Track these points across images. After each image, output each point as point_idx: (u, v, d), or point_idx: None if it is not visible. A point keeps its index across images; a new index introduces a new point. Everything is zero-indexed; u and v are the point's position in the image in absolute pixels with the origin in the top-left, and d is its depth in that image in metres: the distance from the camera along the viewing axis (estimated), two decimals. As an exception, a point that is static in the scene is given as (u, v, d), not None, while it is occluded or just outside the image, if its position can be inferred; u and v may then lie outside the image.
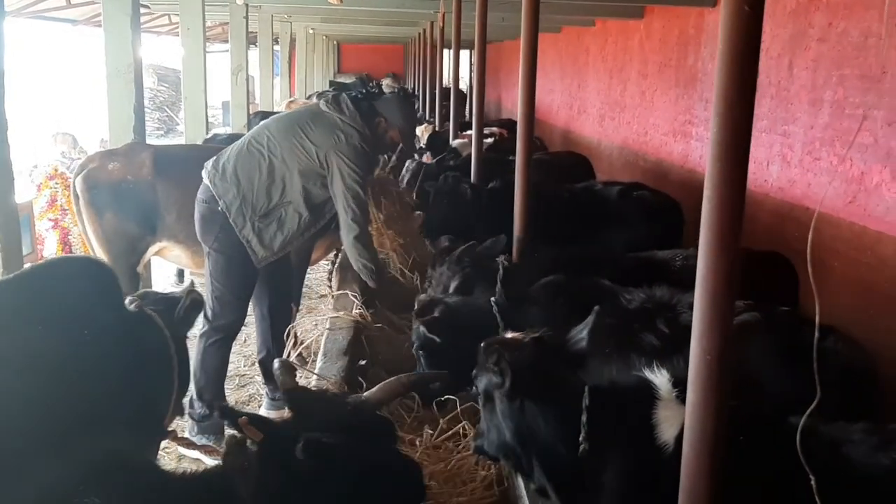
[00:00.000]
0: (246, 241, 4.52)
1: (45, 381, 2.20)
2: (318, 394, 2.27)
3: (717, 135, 1.74)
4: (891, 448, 1.91)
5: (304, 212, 4.58)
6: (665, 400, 2.16)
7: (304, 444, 1.94)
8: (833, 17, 5.61)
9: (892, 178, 4.95)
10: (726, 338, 1.79)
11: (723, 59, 1.70)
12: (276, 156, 4.53)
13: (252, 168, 4.54)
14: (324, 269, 7.59)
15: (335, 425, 2.08)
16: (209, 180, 4.58)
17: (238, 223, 4.49)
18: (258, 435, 1.98)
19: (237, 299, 4.70)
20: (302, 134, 4.54)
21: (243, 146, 4.67)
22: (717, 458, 1.84)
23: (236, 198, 4.50)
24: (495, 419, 2.42)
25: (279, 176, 4.53)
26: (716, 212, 1.77)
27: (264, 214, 4.53)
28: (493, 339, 2.53)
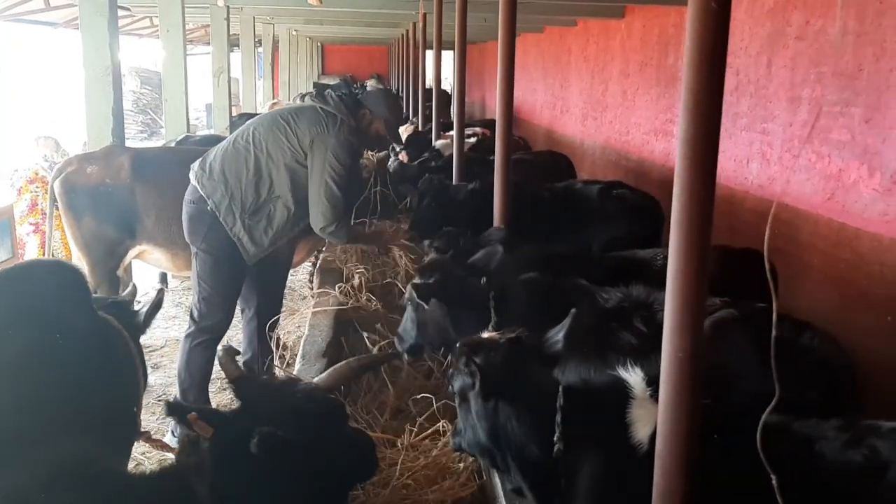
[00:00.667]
0: (237, 238, 4.53)
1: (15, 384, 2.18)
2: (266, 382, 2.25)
3: (686, 132, 1.74)
4: (863, 444, 1.91)
5: (292, 206, 4.59)
6: (639, 399, 2.16)
7: (259, 439, 1.93)
8: (810, 16, 5.65)
9: (869, 174, 4.98)
10: (698, 336, 1.79)
11: (690, 56, 1.70)
12: (261, 151, 4.55)
13: (239, 165, 4.55)
14: (307, 270, 7.57)
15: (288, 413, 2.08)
16: (197, 181, 4.58)
17: (228, 222, 4.49)
18: (208, 430, 1.96)
19: (224, 300, 4.70)
20: (286, 126, 4.56)
21: (229, 145, 4.68)
22: (691, 457, 1.84)
23: (224, 196, 4.50)
24: (471, 419, 2.42)
25: (266, 171, 4.54)
26: (685, 210, 1.77)
27: (253, 211, 4.54)
28: (469, 338, 2.52)
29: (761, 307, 2.93)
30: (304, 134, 4.49)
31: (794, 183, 5.83)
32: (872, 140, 4.94)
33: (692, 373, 1.79)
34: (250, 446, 1.92)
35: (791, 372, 2.68)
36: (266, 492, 2.02)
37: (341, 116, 4.55)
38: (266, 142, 4.55)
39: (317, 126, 4.50)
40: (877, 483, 1.85)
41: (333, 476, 2.16)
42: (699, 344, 1.79)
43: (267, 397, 2.13)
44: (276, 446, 1.94)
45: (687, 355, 1.79)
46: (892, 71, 4.75)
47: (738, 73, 6.67)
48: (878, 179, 4.88)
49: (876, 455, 1.88)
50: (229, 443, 1.98)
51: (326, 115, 4.54)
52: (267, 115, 4.79)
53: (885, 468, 1.86)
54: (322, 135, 4.48)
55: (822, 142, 5.46)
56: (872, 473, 1.87)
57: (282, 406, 2.11)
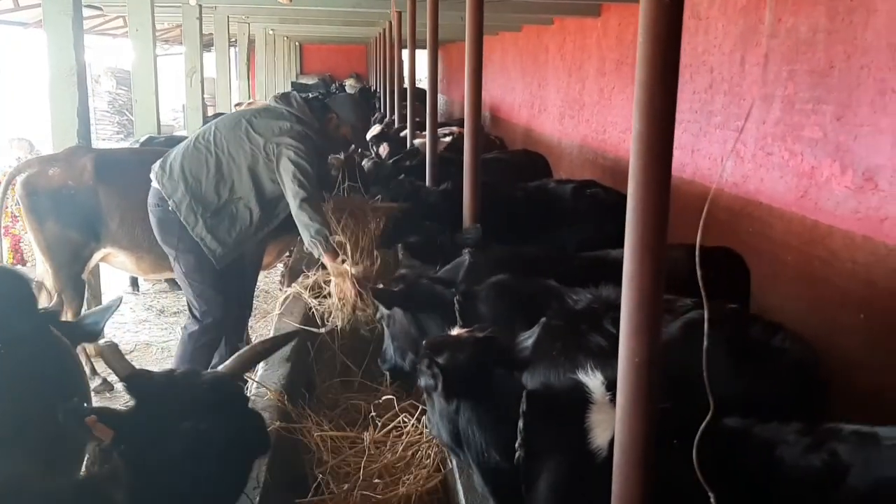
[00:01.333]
0: (200, 238, 4.46)
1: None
2: (163, 377, 2.18)
3: (640, 129, 1.69)
4: (823, 449, 1.87)
5: (255, 207, 4.52)
6: (598, 403, 2.11)
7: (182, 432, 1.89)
8: (782, 13, 5.63)
9: (841, 172, 4.97)
10: (654, 340, 1.74)
11: (643, 51, 1.65)
12: (222, 151, 4.48)
13: (199, 165, 4.48)
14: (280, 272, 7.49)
15: (189, 406, 2.02)
16: (157, 181, 4.51)
17: (190, 221, 4.42)
18: (108, 433, 1.90)
19: (219, 293, 4.64)
20: (248, 126, 4.50)
21: (190, 144, 4.61)
22: (648, 463, 1.80)
23: (185, 195, 4.44)
24: (436, 417, 2.37)
25: (227, 171, 4.48)
26: (640, 210, 1.72)
27: (215, 211, 4.47)
28: (436, 337, 2.47)
29: (731, 307, 2.89)
30: (267, 136, 4.44)
31: (768, 181, 5.81)
32: (844, 137, 4.93)
33: (649, 377, 1.74)
34: (159, 444, 1.88)
35: (762, 373, 2.66)
36: (179, 487, 1.97)
37: (304, 118, 4.51)
38: (227, 143, 4.49)
39: (277, 126, 4.45)
40: (836, 487, 1.81)
41: (235, 458, 2.14)
42: (656, 348, 1.74)
43: (165, 392, 2.07)
44: (191, 439, 1.90)
45: (643, 360, 1.74)
46: (862, 68, 4.74)
47: (713, 71, 6.66)
48: (850, 177, 4.87)
49: (836, 459, 1.84)
50: (136, 444, 1.93)
51: (289, 116, 4.50)
52: (229, 116, 4.74)
53: (845, 472, 1.82)
54: (284, 135, 4.43)
55: (794, 139, 5.45)
56: (832, 478, 1.83)
57: (182, 399, 2.05)
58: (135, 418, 2.00)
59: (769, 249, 5.65)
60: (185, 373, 2.26)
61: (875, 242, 4.60)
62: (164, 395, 2.05)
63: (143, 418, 2.00)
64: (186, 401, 2.04)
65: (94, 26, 16.11)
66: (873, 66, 4.63)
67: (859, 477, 1.82)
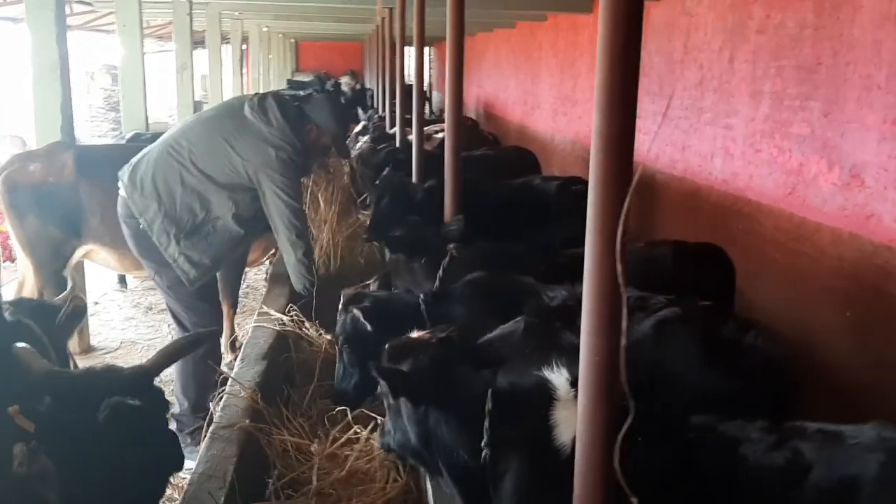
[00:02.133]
0: (173, 260, 4.23)
1: None
2: (80, 373, 2.17)
3: (600, 126, 1.65)
4: (786, 447, 1.85)
5: (233, 227, 4.32)
6: (563, 400, 2.08)
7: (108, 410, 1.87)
8: (770, 9, 5.60)
9: (828, 168, 4.94)
10: (614, 338, 1.71)
11: (603, 45, 1.61)
12: (198, 168, 4.23)
13: (172, 180, 4.22)
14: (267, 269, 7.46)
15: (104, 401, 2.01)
16: (127, 196, 4.27)
17: (162, 242, 4.20)
18: (30, 425, 1.89)
19: (208, 302, 4.48)
20: (228, 147, 4.23)
21: (161, 154, 4.32)
22: (609, 461, 1.76)
23: (157, 214, 4.19)
24: (401, 422, 2.34)
25: (202, 190, 4.23)
26: (600, 207, 1.69)
27: (190, 231, 4.23)
28: (397, 340, 2.43)
29: (706, 305, 2.86)
30: (248, 161, 4.22)
31: (757, 177, 5.79)
32: (831, 134, 4.90)
33: (609, 376, 1.71)
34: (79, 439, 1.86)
35: (733, 371, 2.64)
36: (102, 482, 1.95)
37: (286, 141, 4.28)
38: (204, 161, 4.24)
39: (261, 155, 4.22)
40: (799, 486, 1.79)
41: (147, 466, 2.12)
42: (616, 346, 1.70)
43: (84, 388, 2.06)
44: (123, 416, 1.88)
45: (604, 358, 1.71)
46: (848, 65, 4.71)
47: (703, 68, 6.63)
48: (837, 173, 4.85)
49: (799, 457, 1.82)
50: (56, 440, 1.92)
51: (271, 137, 4.26)
52: (204, 126, 4.44)
53: (807, 470, 1.79)
54: (267, 162, 4.21)
55: (783, 136, 5.43)
56: (795, 476, 1.80)
57: (100, 395, 2.03)
58: (53, 414, 1.98)
59: (757, 246, 5.63)
60: (104, 368, 2.23)
61: (861, 239, 4.58)
62: (82, 392, 2.04)
63: (62, 414, 1.99)
64: (105, 396, 2.02)
65: (86, 22, 16.06)
66: (859, 62, 4.60)
67: (822, 475, 1.80)
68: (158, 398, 2.22)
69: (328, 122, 4.53)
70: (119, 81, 8.07)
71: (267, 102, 4.41)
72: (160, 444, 2.17)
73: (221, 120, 4.44)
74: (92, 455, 1.97)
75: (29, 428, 1.87)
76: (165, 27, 18.54)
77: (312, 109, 4.51)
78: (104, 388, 2.05)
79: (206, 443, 2.89)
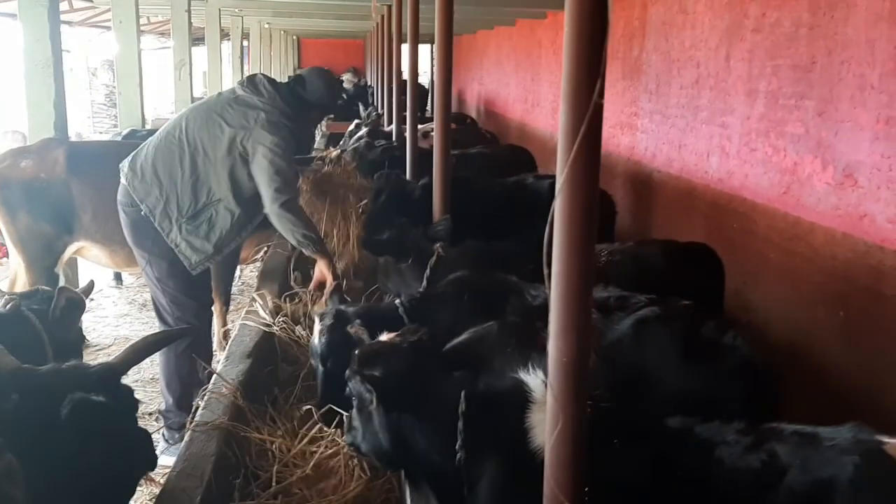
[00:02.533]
0: (175, 245, 4.23)
1: None
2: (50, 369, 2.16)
3: (565, 124, 1.64)
4: (762, 449, 1.83)
5: (235, 209, 4.30)
6: (539, 402, 2.07)
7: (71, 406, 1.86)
8: (766, 8, 5.58)
9: (822, 168, 4.92)
10: (582, 339, 1.69)
11: (569, 40, 1.60)
12: (196, 149, 4.25)
13: (173, 165, 4.25)
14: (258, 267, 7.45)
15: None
16: (128, 183, 4.30)
17: (164, 227, 4.21)
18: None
19: (193, 299, 4.44)
20: (221, 120, 4.27)
21: (160, 141, 4.37)
22: (579, 464, 1.75)
23: (159, 200, 4.22)
24: (371, 427, 2.31)
25: (203, 171, 4.25)
26: (568, 206, 1.67)
27: (192, 216, 4.25)
28: (367, 346, 2.41)
29: (684, 304, 2.85)
30: (237, 128, 4.23)
31: (752, 176, 5.77)
32: (825, 133, 4.87)
33: (577, 377, 1.69)
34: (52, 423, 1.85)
35: (710, 371, 2.63)
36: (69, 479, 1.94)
37: (276, 106, 4.30)
38: (201, 140, 4.26)
39: (249, 119, 4.24)
40: (774, 488, 1.77)
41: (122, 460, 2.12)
42: (584, 348, 1.69)
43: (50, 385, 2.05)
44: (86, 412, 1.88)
45: (571, 359, 1.69)
46: (843, 64, 4.68)
47: (699, 66, 6.61)
48: (831, 173, 4.82)
49: (775, 459, 1.80)
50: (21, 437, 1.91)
51: (261, 103, 4.29)
52: (200, 109, 4.49)
53: (783, 472, 1.78)
54: (257, 127, 4.22)
55: (778, 135, 5.40)
56: (770, 478, 1.79)
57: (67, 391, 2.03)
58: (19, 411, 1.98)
59: (752, 245, 5.61)
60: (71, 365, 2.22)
61: (854, 239, 4.56)
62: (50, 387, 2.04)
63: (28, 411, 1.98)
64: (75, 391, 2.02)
65: (87, 18, 16.07)
66: (853, 62, 4.58)
67: (797, 477, 1.78)
68: (126, 395, 2.20)
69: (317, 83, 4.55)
70: (115, 78, 8.06)
71: (256, 78, 4.49)
72: (128, 442, 2.15)
73: (215, 100, 4.51)
74: (56, 452, 1.96)
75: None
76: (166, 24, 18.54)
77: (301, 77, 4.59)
78: (70, 385, 2.04)
79: (186, 441, 2.88)
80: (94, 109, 22.97)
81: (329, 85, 4.67)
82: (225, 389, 3.19)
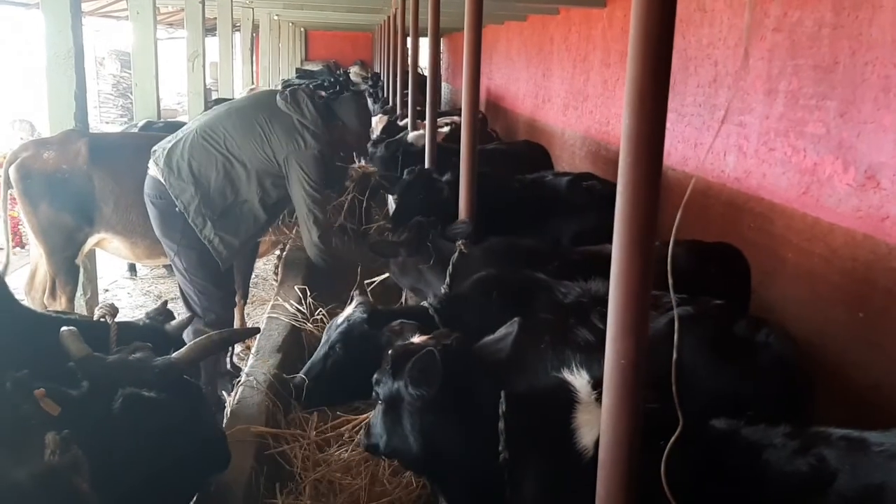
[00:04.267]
0: (208, 241, 4.42)
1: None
2: (115, 361, 2.16)
3: (630, 127, 1.64)
4: (810, 453, 1.84)
5: (259, 212, 4.52)
6: (584, 403, 2.07)
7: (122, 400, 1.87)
8: (788, 7, 5.56)
9: (843, 169, 4.92)
10: (641, 341, 1.70)
11: (635, 46, 1.60)
12: (235, 156, 4.43)
13: (209, 166, 4.42)
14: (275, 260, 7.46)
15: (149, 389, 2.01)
16: (163, 179, 4.43)
17: (198, 224, 4.38)
18: (55, 408, 1.89)
19: (221, 289, 4.60)
20: (263, 137, 4.43)
21: (197, 140, 4.50)
22: (632, 465, 1.76)
23: (194, 198, 4.38)
24: (400, 429, 2.30)
25: (235, 175, 4.43)
26: (630, 207, 1.68)
27: (222, 213, 4.44)
28: (399, 347, 2.40)
29: (717, 304, 2.85)
30: (280, 148, 4.40)
31: (770, 176, 5.76)
32: (847, 134, 4.87)
33: (635, 379, 1.71)
34: (111, 416, 1.86)
35: (744, 369, 2.63)
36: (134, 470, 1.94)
37: (317, 131, 4.45)
38: (241, 148, 4.43)
39: (293, 143, 4.40)
40: (822, 493, 1.78)
41: (188, 447, 2.11)
42: (643, 349, 1.70)
43: (114, 374, 2.05)
44: (140, 407, 1.88)
45: (630, 361, 1.70)
46: (867, 65, 4.67)
47: (717, 65, 6.60)
48: (852, 174, 4.82)
49: (823, 464, 1.81)
50: (85, 426, 1.91)
51: (302, 129, 4.43)
52: (240, 114, 4.61)
53: (832, 477, 1.78)
54: (298, 151, 4.39)
55: (797, 135, 5.40)
56: (819, 483, 1.79)
57: (132, 383, 2.03)
58: (84, 399, 1.98)
59: (769, 245, 5.60)
60: (137, 358, 2.22)
61: (876, 241, 4.56)
62: (114, 378, 2.03)
63: (93, 400, 1.99)
64: (136, 384, 2.02)
65: (97, 8, 16.04)
66: (878, 63, 4.57)
67: (846, 483, 1.79)
68: (190, 392, 2.19)
69: (354, 122, 4.69)
70: (132, 69, 8.06)
71: (298, 95, 4.60)
72: (193, 440, 2.13)
73: (256, 110, 4.62)
74: (114, 445, 1.96)
75: (53, 412, 1.87)
76: (175, 14, 18.50)
77: (340, 106, 4.67)
78: (132, 378, 2.04)
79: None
80: (100, 99, 22.94)
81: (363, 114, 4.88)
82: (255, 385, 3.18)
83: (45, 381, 1.95)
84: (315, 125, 4.46)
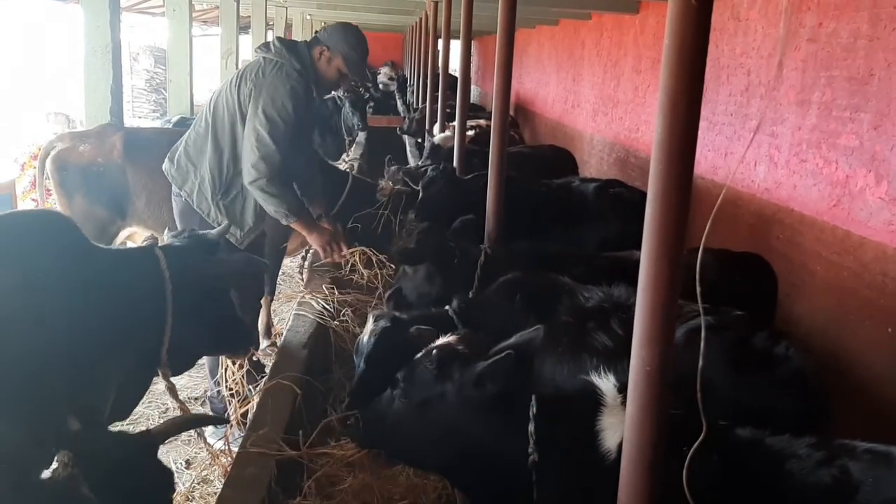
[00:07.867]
0: (217, 224, 4.24)
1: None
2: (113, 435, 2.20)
3: (662, 135, 1.65)
4: (834, 465, 1.84)
5: None
6: (610, 406, 2.09)
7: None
8: (823, 18, 5.52)
9: (876, 182, 4.87)
10: (667, 349, 1.71)
11: (669, 55, 1.61)
12: (217, 120, 4.31)
13: (200, 143, 4.36)
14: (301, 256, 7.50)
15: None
16: (168, 175, 4.46)
17: (203, 209, 4.32)
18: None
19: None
20: (231, 84, 4.34)
21: (192, 128, 4.51)
22: (655, 472, 1.77)
23: (194, 183, 4.34)
24: (428, 431, 2.32)
25: (225, 142, 4.29)
26: (660, 216, 1.69)
27: (225, 190, 4.34)
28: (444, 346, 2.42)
29: (738, 314, 2.84)
30: (245, 87, 4.23)
31: (801, 188, 5.72)
32: (880, 147, 4.82)
33: (660, 387, 1.71)
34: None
35: (763, 381, 2.62)
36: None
37: (280, 61, 4.24)
38: (221, 117, 4.31)
39: (255, 75, 4.22)
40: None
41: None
42: (668, 357, 1.71)
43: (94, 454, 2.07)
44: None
45: (655, 368, 1.71)
46: (903, 77, 4.63)
47: (749, 74, 6.55)
48: (885, 188, 4.77)
49: (847, 476, 1.81)
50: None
51: (265, 63, 4.26)
52: (221, 91, 4.52)
53: (855, 490, 1.78)
54: (257, 81, 4.19)
55: (829, 147, 5.35)
56: (841, 495, 1.79)
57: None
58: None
59: (798, 258, 5.56)
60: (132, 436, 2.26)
61: (908, 256, 4.51)
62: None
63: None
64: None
65: (133, 4, 16.28)
66: (915, 76, 4.52)
67: (869, 496, 1.78)
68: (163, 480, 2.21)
69: (340, 44, 4.38)
70: (167, 65, 8.18)
71: (271, 40, 4.55)
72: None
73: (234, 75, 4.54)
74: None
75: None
76: (210, 12, 18.70)
77: (323, 34, 4.48)
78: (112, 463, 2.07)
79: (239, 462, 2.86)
80: (133, 94, 23.24)
81: (350, 35, 4.48)
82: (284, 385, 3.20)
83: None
84: (280, 55, 4.24)
